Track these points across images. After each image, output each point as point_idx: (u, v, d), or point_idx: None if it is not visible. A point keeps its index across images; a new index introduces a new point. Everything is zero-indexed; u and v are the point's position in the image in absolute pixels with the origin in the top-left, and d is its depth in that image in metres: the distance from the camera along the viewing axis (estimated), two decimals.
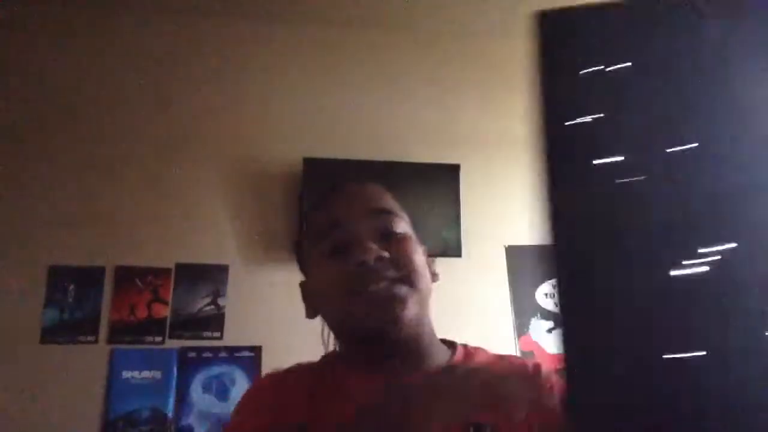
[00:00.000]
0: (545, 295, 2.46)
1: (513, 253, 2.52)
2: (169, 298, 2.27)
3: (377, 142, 2.53)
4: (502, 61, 2.79)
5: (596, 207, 0.24)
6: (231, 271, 2.30)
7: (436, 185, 2.46)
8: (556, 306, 0.26)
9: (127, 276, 2.27)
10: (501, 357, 0.74)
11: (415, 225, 0.77)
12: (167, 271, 2.29)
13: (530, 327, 2.43)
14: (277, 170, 2.41)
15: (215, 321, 2.26)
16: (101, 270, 2.26)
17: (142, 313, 2.24)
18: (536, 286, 2.48)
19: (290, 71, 2.61)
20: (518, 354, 2.37)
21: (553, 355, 2.38)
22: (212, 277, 2.29)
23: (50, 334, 2.18)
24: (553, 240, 0.24)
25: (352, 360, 0.71)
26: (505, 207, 2.52)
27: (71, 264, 2.25)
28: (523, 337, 2.41)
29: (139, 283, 2.27)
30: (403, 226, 0.72)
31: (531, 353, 2.38)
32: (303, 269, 0.79)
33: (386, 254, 0.67)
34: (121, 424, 2.09)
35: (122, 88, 2.48)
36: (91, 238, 2.28)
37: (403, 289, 0.66)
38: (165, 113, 2.47)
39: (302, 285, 0.78)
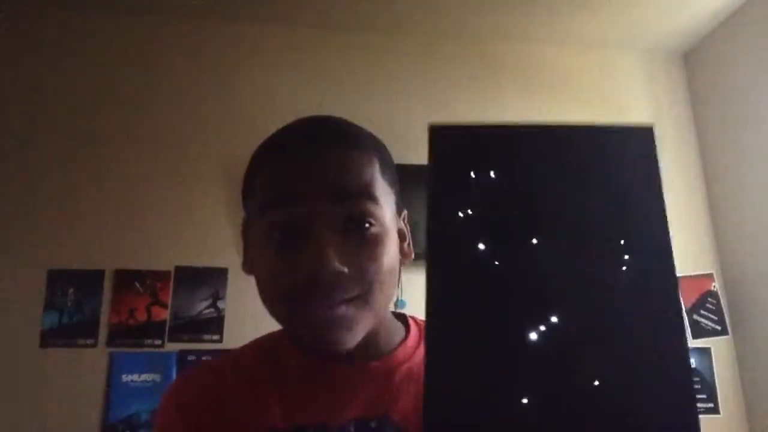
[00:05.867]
0: None
1: None
2: (169, 301, 2.27)
3: None
4: (501, 63, 2.80)
5: (463, 283, 0.33)
6: (230, 273, 2.30)
7: None
8: None
9: (126, 279, 2.27)
10: None
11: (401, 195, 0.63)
12: (166, 274, 2.29)
13: None
14: None
15: (215, 324, 2.26)
16: (100, 273, 2.26)
17: (141, 316, 2.24)
18: None
19: (289, 73, 2.61)
20: None
21: None
22: (212, 279, 2.29)
23: (50, 338, 2.17)
24: (427, 310, 0.33)
25: (302, 343, 0.61)
26: None
27: (70, 267, 2.25)
28: None
29: (139, 287, 2.27)
30: (379, 211, 0.55)
31: None
32: (246, 206, 0.62)
33: (345, 269, 0.52)
34: (121, 428, 2.08)
35: (120, 91, 2.48)
36: (90, 241, 2.28)
37: (353, 310, 0.53)
38: (164, 116, 2.47)
39: (243, 223, 0.63)
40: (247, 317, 2.26)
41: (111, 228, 2.31)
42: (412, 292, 2.65)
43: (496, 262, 0.32)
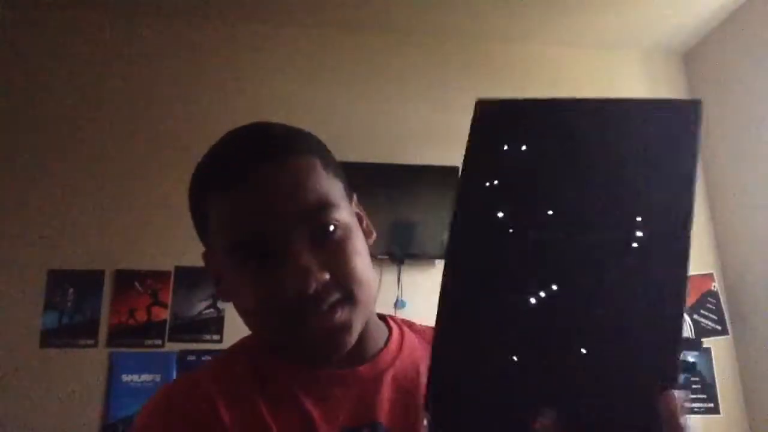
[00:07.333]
0: None
1: None
2: (169, 301, 2.27)
3: (375, 144, 2.53)
4: (501, 63, 2.80)
5: (486, 250, 0.34)
6: None
7: (435, 187, 2.46)
8: None
9: (126, 279, 2.27)
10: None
11: (349, 184, 0.63)
12: (166, 274, 2.29)
13: None
14: None
15: (215, 324, 2.26)
16: (100, 273, 2.26)
17: (141, 316, 2.24)
18: None
19: (286, 74, 2.62)
20: None
21: None
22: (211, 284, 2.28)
23: (50, 338, 2.17)
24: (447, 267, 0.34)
25: (285, 351, 0.60)
26: None
27: (70, 267, 2.25)
28: None
29: (139, 287, 2.27)
30: (338, 212, 0.56)
31: None
32: (203, 240, 0.62)
33: (327, 275, 0.53)
34: (121, 428, 2.08)
35: (120, 91, 2.48)
36: (91, 241, 2.28)
37: (347, 312, 0.55)
38: (163, 116, 2.48)
39: (206, 256, 0.63)
40: None
41: (111, 228, 2.31)
42: (412, 294, 2.65)
43: (511, 230, 0.34)
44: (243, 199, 0.54)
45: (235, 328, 2.51)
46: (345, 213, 0.58)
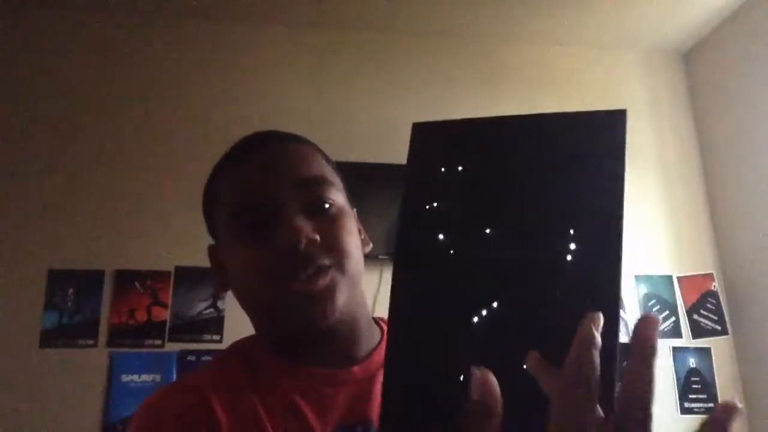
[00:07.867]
0: None
1: None
2: (169, 302, 2.27)
3: (375, 144, 2.53)
4: (501, 63, 2.80)
5: (423, 273, 0.35)
6: None
7: None
8: None
9: (126, 279, 2.27)
10: None
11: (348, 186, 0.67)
12: (167, 274, 2.29)
13: None
14: None
15: (215, 324, 2.26)
16: (101, 273, 2.26)
17: (141, 316, 2.24)
18: None
19: (286, 73, 2.62)
20: None
21: None
22: (211, 279, 2.28)
23: (50, 338, 2.17)
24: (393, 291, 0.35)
25: (281, 350, 0.61)
26: None
27: (70, 267, 2.25)
28: None
29: (139, 287, 2.27)
30: (335, 195, 0.61)
31: None
32: (212, 231, 0.68)
33: (317, 237, 0.57)
34: (121, 428, 2.08)
35: (120, 92, 2.48)
36: (91, 241, 2.28)
37: (333, 278, 0.57)
38: (164, 116, 2.48)
39: (211, 250, 0.68)
40: (247, 317, 2.26)
41: (111, 228, 2.31)
42: None
43: (452, 252, 0.34)
44: (247, 167, 0.61)
45: (235, 328, 2.51)
46: (342, 198, 0.63)
